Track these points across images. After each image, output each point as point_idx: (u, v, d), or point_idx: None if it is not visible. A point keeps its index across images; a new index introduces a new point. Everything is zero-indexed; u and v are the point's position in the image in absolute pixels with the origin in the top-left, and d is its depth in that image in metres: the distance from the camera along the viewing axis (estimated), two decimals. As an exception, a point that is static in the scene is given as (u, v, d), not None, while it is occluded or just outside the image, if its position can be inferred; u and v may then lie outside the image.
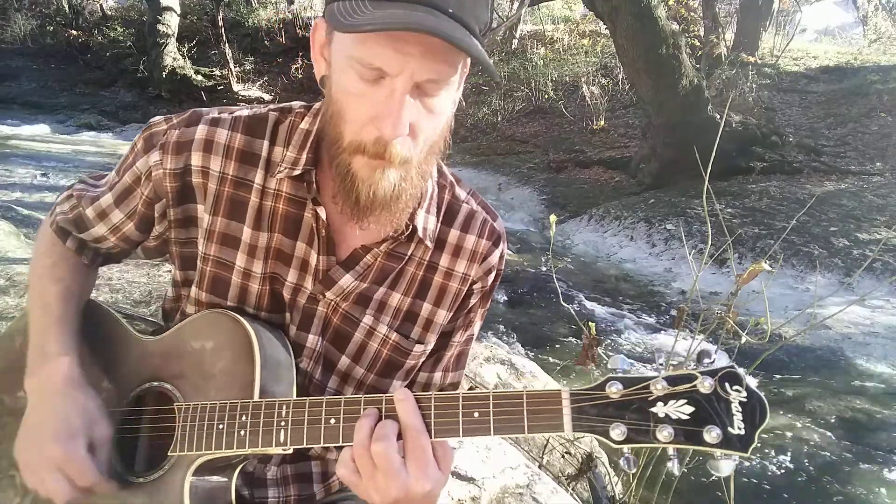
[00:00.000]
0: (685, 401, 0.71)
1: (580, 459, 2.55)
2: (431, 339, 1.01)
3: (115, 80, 16.94)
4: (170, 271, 1.07)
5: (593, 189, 9.26)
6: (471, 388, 2.70)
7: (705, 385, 0.71)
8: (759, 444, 0.69)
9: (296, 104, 0.97)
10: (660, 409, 0.72)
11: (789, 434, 3.49)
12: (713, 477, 1.99)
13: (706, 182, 2.22)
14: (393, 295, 0.97)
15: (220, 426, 0.85)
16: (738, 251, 6.11)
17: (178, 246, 0.98)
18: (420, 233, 0.94)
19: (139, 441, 0.94)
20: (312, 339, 0.96)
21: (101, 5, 19.06)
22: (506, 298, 5.53)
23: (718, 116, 7.99)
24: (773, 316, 2.00)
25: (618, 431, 0.72)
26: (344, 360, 0.99)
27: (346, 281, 0.93)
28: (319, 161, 0.92)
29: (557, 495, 2.03)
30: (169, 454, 0.89)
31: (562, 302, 2.70)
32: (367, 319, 0.97)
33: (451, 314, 1.01)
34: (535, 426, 0.74)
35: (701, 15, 11.90)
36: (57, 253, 1.02)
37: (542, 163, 10.59)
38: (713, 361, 0.73)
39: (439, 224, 0.98)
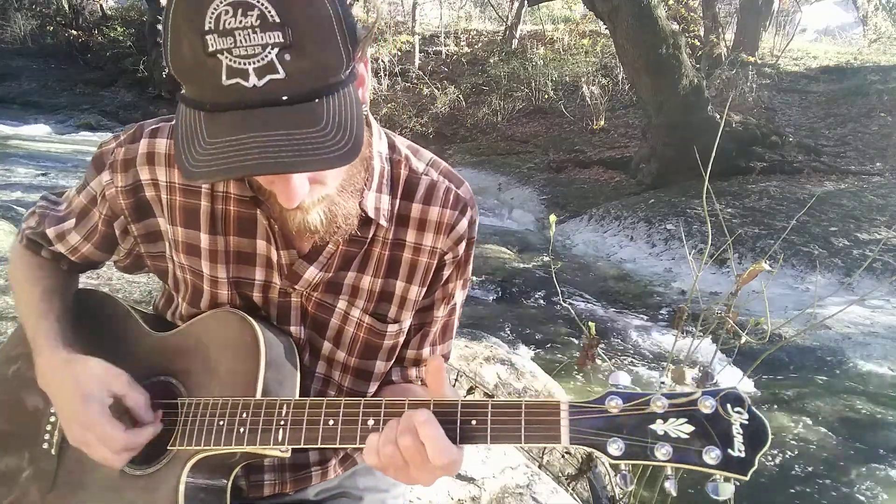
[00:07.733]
0: (685, 419, 0.70)
1: (580, 459, 2.55)
2: (407, 317, 1.01)
3: (115, 80, 16.95)
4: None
5: (593, 189, 9.26)
6: (471, 389, 2.71)
7: (706, 405, 0.70)
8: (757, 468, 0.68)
9: None
10: (659, 427, 0.71)
11: (789, 434, 3.49)
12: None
13: (706, 182, 2.21)
14: (363, 278, 0.97)
15: (221, 423, 0.86)
16: (738, 251, 6.11)
17: (151, 259, 1.01)
18: (372, 213, 0.92)
19: None
20: (295, 330, 0.98)
21: (101, 5, 19.06)
22: (506, 298, 5.53)
23: (718, 116, 7.99)
24: (773, 316, 2.00)
25: (615, 447, 0.71)
26: (327, 346, 1.01)
27: (312, 273, 0.94)
28: None
29: (557, 495, 2.03)
30: (168, 448, 0.89)
31: (562, 302, 2.70)
32: (342, 304, 0.98)
33: (425, 289, 1.01)
34: (532, 436, 0.74)
35: (701, 15, 11.91)
36: (33, 263, 1.05)
37: (542, 163, 10.59)
38: (715, 383, 0.72)
39: (398, 200, 0.96)
